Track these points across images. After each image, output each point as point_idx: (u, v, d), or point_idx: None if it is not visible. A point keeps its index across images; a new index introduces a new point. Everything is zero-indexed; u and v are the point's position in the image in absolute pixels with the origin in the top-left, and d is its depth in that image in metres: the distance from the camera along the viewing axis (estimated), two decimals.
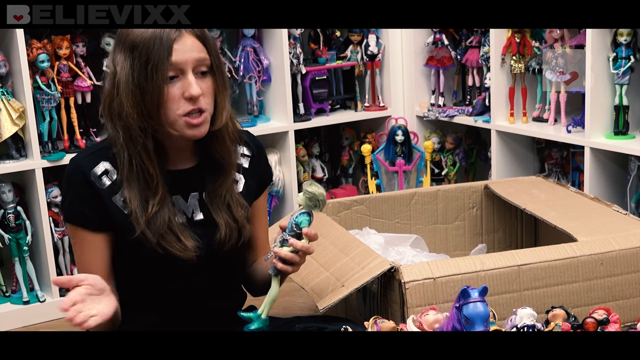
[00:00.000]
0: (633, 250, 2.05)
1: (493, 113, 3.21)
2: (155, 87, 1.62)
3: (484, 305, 1.59)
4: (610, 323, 1.81)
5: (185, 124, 1.66)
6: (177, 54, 1.63)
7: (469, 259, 1.99)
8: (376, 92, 3.52)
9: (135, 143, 1.66)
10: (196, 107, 1.65)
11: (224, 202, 1.76)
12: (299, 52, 3.28)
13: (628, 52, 2.74)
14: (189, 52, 1.64)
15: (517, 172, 3.25)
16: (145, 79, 1.62)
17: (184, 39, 1.64)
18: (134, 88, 1.63)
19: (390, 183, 3.37)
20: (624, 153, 2.78)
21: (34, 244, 2.92)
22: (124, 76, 1.64)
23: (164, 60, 1.62)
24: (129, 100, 1.64)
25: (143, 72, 1.62)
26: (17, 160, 2.82)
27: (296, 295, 2.78)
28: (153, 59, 1.62)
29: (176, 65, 1.63)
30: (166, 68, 1.62)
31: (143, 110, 1.64)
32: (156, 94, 1.63)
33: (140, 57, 1.62)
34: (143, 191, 1.68)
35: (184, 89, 1.64)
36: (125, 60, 1.64)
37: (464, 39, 3.40)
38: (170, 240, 1.69)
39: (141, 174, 1.68)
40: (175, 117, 1.65)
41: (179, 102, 1.64)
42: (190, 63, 1.64)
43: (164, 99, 1.63)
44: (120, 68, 1.65)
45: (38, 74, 2.80)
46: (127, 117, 1.65)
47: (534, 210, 2.35)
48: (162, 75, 1.62)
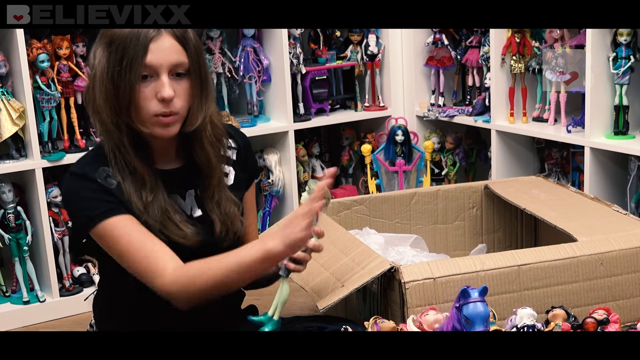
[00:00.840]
0: (633, 250, 2.05)
1: (493, 113, 3.21)
2: (128, 84, 1.62)
3: (484, 305, 1.59)
4: (610, 323, 1.81)
5: (156, 123, 1.66)
6: (153, 54, 1.62)
7: (469, 259, 1.99)
8: (376, 92, 3.52)
9: (111, 137, 1.67)
10: (167, 109, 1.64)
11: (214, 200, 1.77)
12: (299, 52, 3.28)
13: (628, 52, 2.74)
14: (166, 54, 1.63)
15: (517, 172, 3.25)
16: (118, 75, 1.62)
17: (161, 40, 1.63)
18: (108, 83, 1.63)
19: (390, 183, 3.37)
20: (624, 153, 2.78)
21: (34, 244, 2.91)
22: (100, 71, 1.64)
23: (139, 59, 1.61)
24: (102, 95, 1.64)
25: (117, 68, 1.62)
26: (17, 160, 2.82)
27: (296, 295, 2.78)
28: (128, 57, 1.61)
29: (150, 66, 1.62)
30: (140, 67, 1.61)
31: (115, 106, 1.64)
32: (128, 92, 1.62)
33: (117, 53, 1.62)
34: (134, 182, 1.69)
35: (156, 89, 1.63)
36: (102, 54, 1.64)
37: (464, 39, 3.40)
38: (170, 227, 1.69)
39: (126, 166, 1.68)
40: (146, 115, 1.65)
41: (151, 102, 1.64)
42: (166, 65, 1.63)
43: (135, 97, 1.63)
44: (97, 62, 1.65)
45: (38, 74, 2.80)
46: (100, 111, 1.65)
47: (534, 210, 2.35)
48: (136, 74, 1.62)
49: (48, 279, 2.90)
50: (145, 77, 1.63)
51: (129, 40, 1.61)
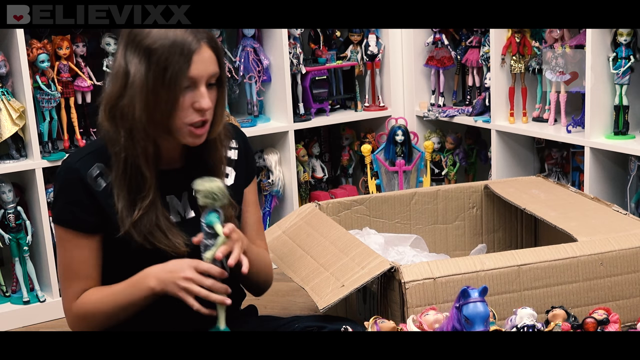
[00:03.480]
0: (633, 250, 2.05)
1: (493, 113, 3.21)
2: (172, 96, 1.63)
3: (484, 305, 1.59)
4: (610, 323, 1.81)
5: (189, 133, 1.67)
6: (196, 66, 1.63)
7: (469, 259, 1.99)
8: (376, 92, 3.52)
9: (136, 145, 1.66)
10: (203, 118, 1.67)
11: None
12: (299, 52, 3.28)
13: (628, 52, 2.74)
14: (206, 66, 1.65)
15: (517, 172, 3.25)
16: (161, 86, 1.62)
17: (202, 51, 1.64)
18: (149, 93, 1.63)
19: (390, 183, 3.37)
20: (624, 153, 2.78)
21: (34, 244, 2.91)
22: (139, 79, 1.63)
23: (184, 71, 1.62)
24: (140, 104, 1.64)
25: (160, 79, 1.62)
26: (17, 160, 2.82)
27: (296, 295, 2.78)
28: (172, 69, 1.61)
29: (192, 78, 1.63)
30: (184, 79, 1.62)
31: (153, 116, 1.64)
32: (171, 102, 1.63)
33: (159, 63, 1.62)
34: (132, 193, 1.69)
35: (194, 99, 1.65)
36: (141, 63, 1.63)
37: (464, 39, 3.40)
38: (158, 237, 1.69)
39: (134, 176, 1.68)
40: (181, 124, 1.66)
41: (187, 111, 1.65)
42: (205, 76, 1.65)
43: (177, 108, 1.64)
44: (135, 70, 1.64)
45: (38, 74, 2.80)
46: (134, 119, 1.65)
47: (534, 210, 2.35)
48: (180, 86, 1.63)
49: (48, 279, 2.90)
50: (185, 88, 1.64)
51: (172, 52, 1.61)
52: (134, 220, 1.67)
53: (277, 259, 2.19)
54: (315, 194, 3.45)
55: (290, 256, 2.17)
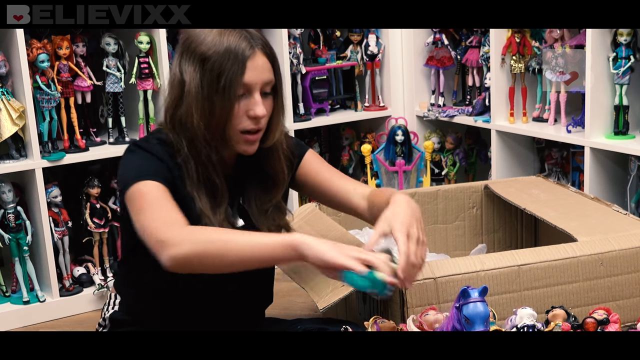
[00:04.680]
0: (633, 250, 2.05)
1: (493, 113, 3.21)
2: (227, 103, 1.62)
3: (484, 305, 1.59)
4: (610, 323, 1.81)
5: (242, 140, 1.67)
6: (250, 73, 1.62)
7: (469, 259, 1.99)
8: (376, 92, 3.52)
9: (200, 153, 1.66)
10: (257, 126, 1.66)
11: (269, 215, 1.78)
12: (299, 52, 3.28)
13: (628, 52, 2.74)
14: (259, 73, 1.64)
15: (517, 172, 3.25)
16: (216, 93, 1.62)
17: (256, 58, 1.64)
18: (204, 100, 1.62)
19: (390, 183, 3.37)
20: (624, 153, 2.78)
21: (34, 244, 2.91)
22: (194, 87, 1.63)
23: (238, 77, 1.61)
24: (197, 112, 1.63)
25: (214, 86, 1.61)
26: (17, 160, 2.82)
27: (296, 295, 2.78)
28: (226, 75, 1.61)
29: (246, 84, 1.63)
30: (239, 86, 1.62)
31: (210, 123, 1.64)
32: (226, 110, 1.63)
33: (213, 70, 1.61)
34: (210, 199, 1.68)
35: (249, 107, 1.64)
36: (195, 71, 1.63)
37: (464, 39, 3.40)
38: None
39: (208, 183, 1.68)
40: (235, 132, 1.66)
41: (241, 119, 1.65)
42: (259, 83, 1.65)
43: (232, 115, 1.63)
44: (190, 79, 1.63)
45: (38, 74, 2.80)
46: (194, 128, 1.64)
47: (534, 210, 2.35)
48: (234, 93, 1.62)
49: (48, 279, 2.90)
50: (239, 95, 1.64)
51: (226, 58, 1.61)
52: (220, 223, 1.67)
53: None
54: None
55: None
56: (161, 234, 1.54)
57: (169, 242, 1.53)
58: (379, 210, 1.72)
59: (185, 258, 1.52)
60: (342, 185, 1.87)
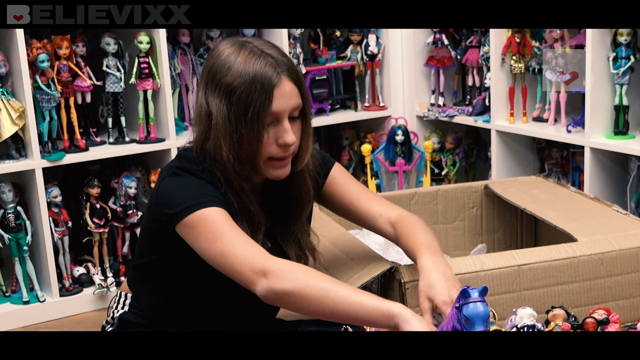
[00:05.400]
0: (633, 250, 2.05)
1: (493, 113, 3.21)
2: (256, 134, 1.59)
3: (484, 305, 1.59)
4: (610, 323, 1.81)
5: (272, 167, 1.65)
6: (277, 101, 1.59)
7: (469, 259, 1.99)
8: (376, 92, 3.52)
9: (232, 184, 1.63)
10: (287, 153, 1.64)
11: (295, 238, 1.77)
12: (299, 52, 3.28)
13: (628, 52, 2.74)
14: (287, 99, 1.61)
15: (517, 172, 3.25)
16: (244, 125, 1.59)
17: (283, 85, 1.60)
18: (232, 132, 1.60)
19: (390, 183, 3.37)
20: (624, 153, 2.78)
21: (34, 244, 2.91)
22: (222, 120, 1.60)
23: (266, 107, 1.58)
24: (226, 144, 1.60)
25: (242, 118, 1.59)
26: (17, 160, 2.82)
27: None
28: (254, 106, 1.58)
29: (275, 113, 1.60)
30: (267, 116, 1.59)
31: (239, 154, 1.62)
32: (255, 141, 1.60)
33: (239, 102, 1.58)
34: (249, 228, 1.65)
35: (278, 135, 1.62)
36: (222, 103, 1.60)
37: (464, 39, 3.40)
38: None
39: (245, 212, 1.65)
40: (265, 161, 1.64)
41: (270, 147, 1.62)
42: (288, 110, 1.62)
43: (261, 145, 1.61)
44: (217, 110, 1.60)
45: (38, 74, 2.80)
46: (223, 161, 1.61)
47: (534, 210, 2.35)
48: (263, 123, 1.59)
49: (48, 279, 2.90)
50: (268, 124, 1.61)
51: (252, 89, 1.58)
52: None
53: None
54: None
55: None
56: (262, 264, 1.52)
57: (274, 274, 1.51)
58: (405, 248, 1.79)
59: (287, 293, 1.51)
60: (369, 209, 1.86)
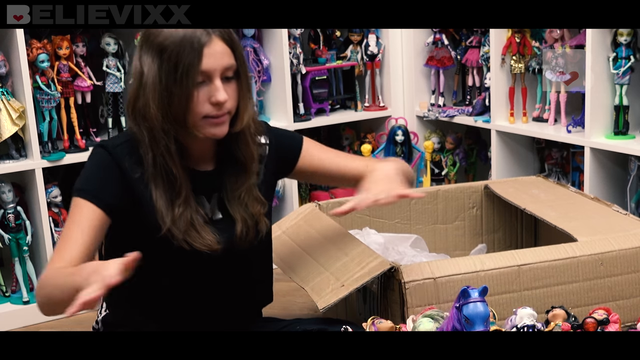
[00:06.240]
0: (633, 250, 2.05)
1: (493, 113, 3.21)
2: (185, 92, 1.62)
3: (484, 305, 1.59)
4: (610, 323, 1.81)
5: (207, 124, 1.67)
6: (207, 60, 1.62)
7: (469, 259, 1.99)
8: (376, 92, 3.52)
9: (159, 144, 1.66)
10: (221, 112, 1.66)
11: (241, 201, 1.77)
12: (299, 52, 3.28)
13: (628, 52, 2.74)
14: (219, 59, 1.64)
15: (517, 172, 3.25)
16: (174, 83, 1.62)
17: (213, 44, 1.63)
18: (162, 91, 1.63)
19: None
20: (624, 153, 2.78)
21: (34, 244, 2.92)
22: (152, 78, 1.63)
23: (195, 65, 1.61)
24: (155, 102, 1.64)
25: (172, 75, 1.62)
26: (17, 160, 2.82)
27: (296, 295, 2.78)
28: (183, 64, 1.61)
29: (205, 72, 1.63)
30: (196, 74, 1.62)
31: (168, 113, 1.64)
32: (184, 98, 1.63)
33: (170, 60, 1.62)
34: (167, 191, 1.69)
35: (210, 93, 1.64)
36: (153, 62, 1.63)
37: (464, 39, 3.40)
38: (193, 236, 1.70)
39: (165, 174, 1.68)
40: (197, 118, 1.66)
41: (203, 106, 1.65)
42: (219, 69, 1.64)
43: (192, 103, 1.63)
44: (148, 69, 1.64)
45: (38, 74, 2.80)
46: (151, 118, 1.65)
47: (534, 210, 2.35)
48: (192, 81, 1.62)
49: None
50: (199, 83, 1.63)
51: (182, 48, 1.61)
52: (173, 219, 1.67)
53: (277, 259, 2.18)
54: (315, 194, 3.45)
55: (290, 256, 2.16)
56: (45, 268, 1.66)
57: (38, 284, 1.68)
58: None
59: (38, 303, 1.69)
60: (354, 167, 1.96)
